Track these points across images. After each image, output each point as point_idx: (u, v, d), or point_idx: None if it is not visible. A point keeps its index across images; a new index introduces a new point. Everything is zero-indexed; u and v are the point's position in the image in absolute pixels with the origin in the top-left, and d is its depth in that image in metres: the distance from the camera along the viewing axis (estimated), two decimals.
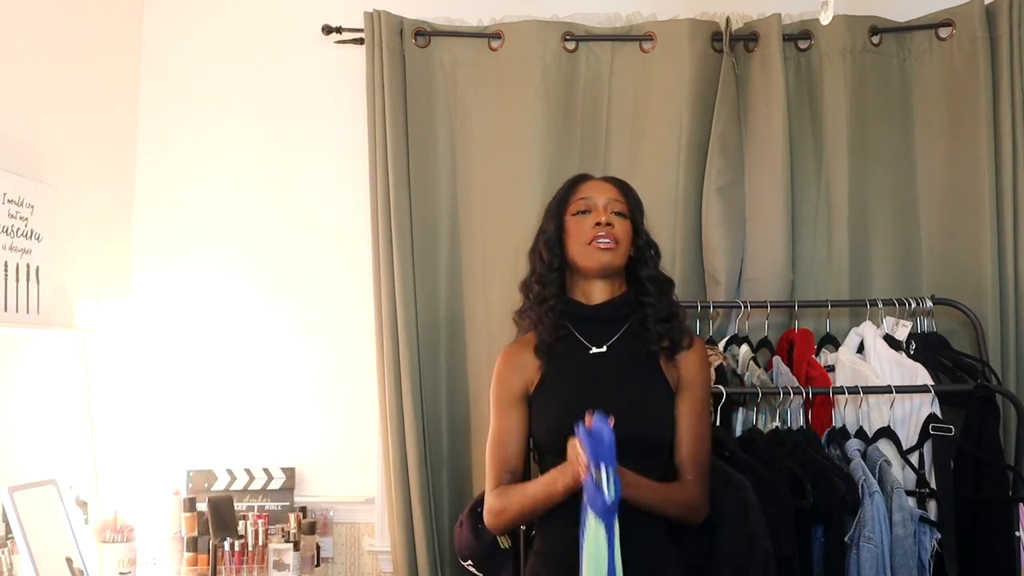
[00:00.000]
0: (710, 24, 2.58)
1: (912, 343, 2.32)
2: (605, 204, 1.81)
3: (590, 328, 1.82)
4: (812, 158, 2.57)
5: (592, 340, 1.81)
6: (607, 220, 1.78)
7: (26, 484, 2.02)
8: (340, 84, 2.72)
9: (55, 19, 2.37)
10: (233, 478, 2.62)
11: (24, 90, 2.24)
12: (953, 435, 2.10)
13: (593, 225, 1.78)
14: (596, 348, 1.81)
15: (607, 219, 1.78)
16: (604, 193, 1.84)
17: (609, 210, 1.81)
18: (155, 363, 2.70)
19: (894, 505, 2.01)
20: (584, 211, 1.82)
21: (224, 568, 2.40)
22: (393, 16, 2.60)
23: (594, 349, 1.81)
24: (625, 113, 2.62)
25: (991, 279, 2.43)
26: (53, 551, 2.02)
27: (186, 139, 2.77)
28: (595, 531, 1.53)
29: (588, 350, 1.81)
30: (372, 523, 2.69)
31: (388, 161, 2.55)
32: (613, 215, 1.80)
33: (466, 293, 2.63)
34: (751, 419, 2.23)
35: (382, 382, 2.56)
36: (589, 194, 1.84)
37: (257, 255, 2.74)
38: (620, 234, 1.79)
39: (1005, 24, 2.45)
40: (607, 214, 1.80)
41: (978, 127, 2.46)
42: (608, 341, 1.81)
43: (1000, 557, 2.08)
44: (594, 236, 1.77)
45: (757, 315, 2.43)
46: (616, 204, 1.82)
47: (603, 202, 1.82)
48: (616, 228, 1.79)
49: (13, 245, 2.14)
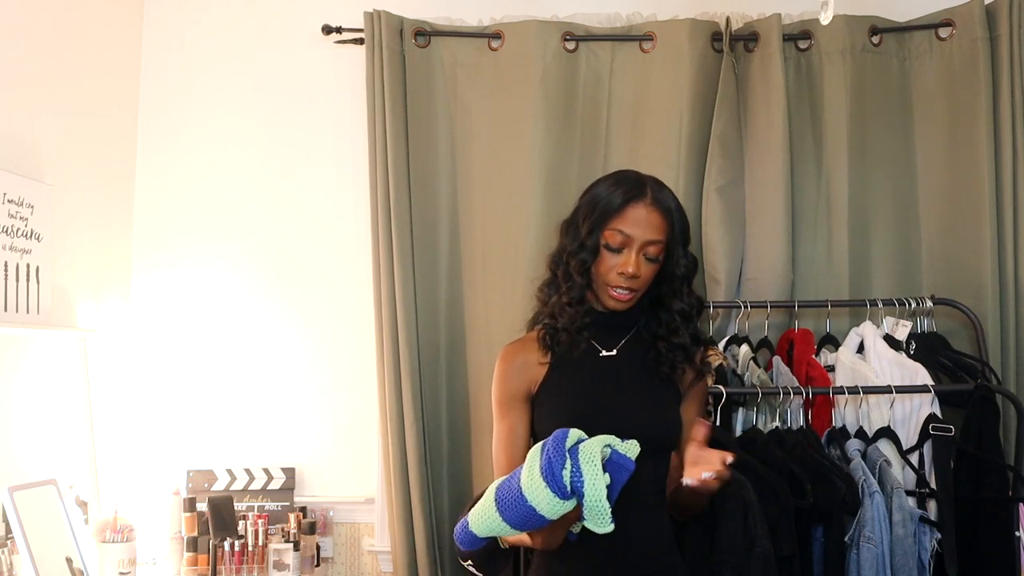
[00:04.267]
0: (710, 24, 2.58)
1: (912, 343, 2.33)
2: (641, 246, 1.71)
3: (600, 331, 1.81)
4: (812, 158, 2.57)
5: (602, 343, 1.81)
6: (633, 271, 1.70)
7: (26, 484, 2.02)
8: (340, 84, 2.73)
9: (55, 19, 2.37)
10: (233, 478, 2.62)
11: (24, 90, 2.24)
12: (953, 435, 2.10)
13: (618, 273, 1.72)
14: (606, 351, 1.81)
15: (634, 270, 1.70)
16: (646, 231, 1.72)
17: (642, 253, 1.72)
18: (155, 363, 2.70)
19: (894, 505, 2.01)
20: (618, 249, 1.73)
21: (224, 568, 2.40)
22: (393, 16, 2.60)
23: (604, 352, 1.81)
24: (625, 113, 2.62)
25: (991, 279, 2.43)
26: (53, 551, 2.02)
27: (186, 139, 2.77)
28: (547, 498, 1.46)
29: (598, 352, 1.81)
30: (372, 523, 2.69)
31: (388, 161, 2.55)
32: (644, 261, 1.72)
33: (466, 293, 2.64)
34: (751, 419, 2.23)
35: (382, 382, 2.56)
36: (629, 228, 1.72)
37: (257, 255, 2.74)
38: (644, 282, 1.74)
39: (1005, 24, 2.45)
40: (638, 260, 1.71)
41: (978, 127, 2.46)
42: (617, 344, 1.81)
43: (1000, 557, 2.08)
44: (616, 284, 1.72)
45: (757, 315, 2.43)
46: (652, 248, 1.72)
47: (639, 243, 1.71)
48: (642, 277, 1.72)
49: (13, 245, 2.14)
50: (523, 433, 1.83)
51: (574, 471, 1.45)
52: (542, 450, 1.49)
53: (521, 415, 1.82)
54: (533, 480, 1.46)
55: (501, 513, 1.50)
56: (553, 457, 1.46)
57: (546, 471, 1.45)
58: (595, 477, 1.44)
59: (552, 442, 1.49)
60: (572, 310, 1.79)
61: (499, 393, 1.85)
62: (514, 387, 1.82)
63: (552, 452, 1.47)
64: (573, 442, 1.50)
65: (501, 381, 1.84)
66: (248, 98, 2.77)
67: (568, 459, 1.46)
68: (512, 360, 1.84)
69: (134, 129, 2.77)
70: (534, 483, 1.46)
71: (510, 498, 1.49)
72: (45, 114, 2.33)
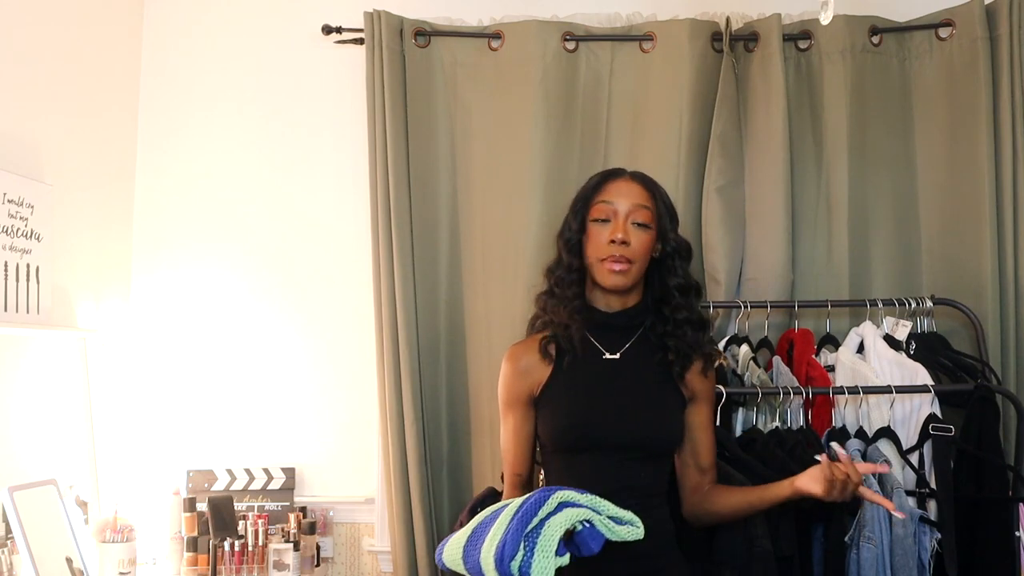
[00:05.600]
0: (710, 24, 2.58)
1: (912, 343, 2.32)
2: (627, 212, 1.75)
3: (604, 333, 1.81)
4: (812, 158, 2.57)
5: (606, 346, 1.81)
6: (623, 237, 1.73)
7: (26, 484, 2.03)
8: (340, 84, 2.73)
9: (55, 19, 2.37)
10: (233, 478, 2.62)
11: (24, 90, 2.24)
12: (953, 435, 2.09)
13: (608, 242, 1.74)
14: (609, 354, 1.80)
15: (623, 235, 1.73)
16: (628, 197, 1.77)
17: (630, 220, 1.75)
18: (155, 363, 2.70)
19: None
20: (604, 219, 1.76)
21: (224, 568, 2.40)
22: (393, 16, 2.60)
23: (607, 355, 1.80)
24: (625, 113, 2.62)
25: (991, 279, 2.43)
26: (53, 551, 2.02)
27: (186, 139, 2.77)
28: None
29: (601, 355, 1.80)
30: (372, 523, 2.69)
31: (388, 161, 2.55)
32: (633, 226, 1.74)
33: (466, 293, 2.63)
34: (751, 419, 2.23)
35: (382, 382, 2.56)
36: (612, 198, 1.77)
37: (257, 255, 2.74)
38: (637, 251, 1.74)
39: (1005, 24, 2.45)
40: (626, 226, 1.74)
41: (978, 127, 2.46)
42: (622, 348, 1.81)
43: (1000, 557, 2.08)
44: (608, 255, 1.73)
45: (757, 315, 2.43)
46: (639, 213, 1.76)
47: (625, 209, 1.75)
48: (633, 244, 1.73)
49: (13, 245, 2.14)
50: (528, 432, 1.84)
51: (525, 558, 1.42)
52: (511, 518, 1.46)
53: (524, 416, 1.83)
54: (489, 554, 1.45)
55: (465, 558, 1.51)
56: (507, 543, 1.43)
57: (498, 554, 1.43)
58: (544, 568, 1.42)
59: (518, 520, 1.45)
60: (561, 292, 1.79)
61: (503, 394, 1.85)
62: (517, 390, 1.83)
63: (510, 536, 1.44)
64: (552, 507, 1.47)
65: (505, 383, 1.85)
66: (248, 98, 2.77)
67: (522, 547, 1.43)
68: (516, 362, 1.84)
69: (134, 129, 2.77)
70: (488, 558, 1.44)
71: (474, 550, 1.49)
72: (45, 114, 2.33)
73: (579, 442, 1.75)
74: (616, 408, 1.75)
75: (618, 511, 1.51)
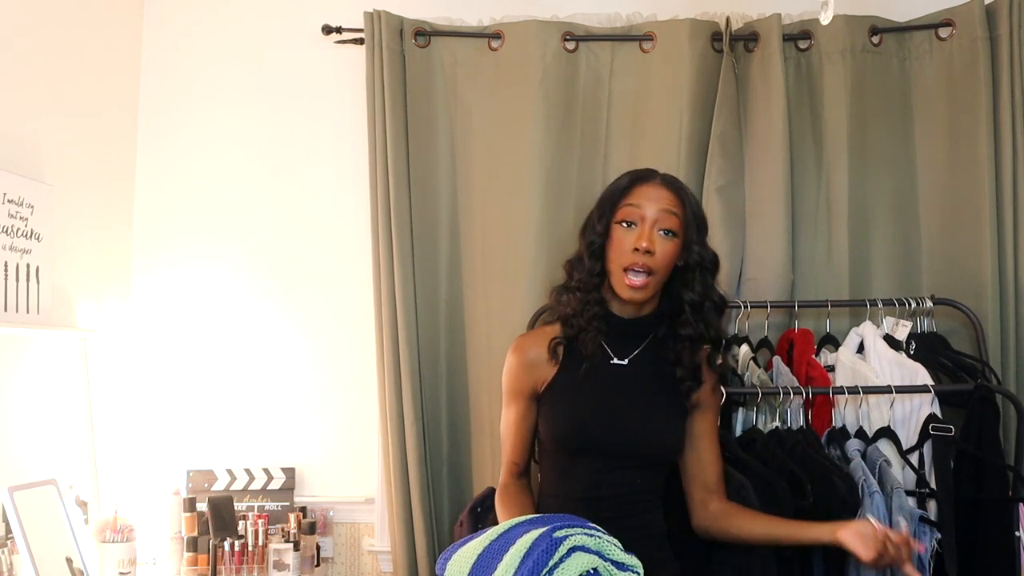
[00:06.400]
0: (710, 24, 2.58)
1: (912, 343, 2.32)
2: (655, 218, 1.70)
3: (616, 338, 1.80)
4: (812, 158, 2.57)
5: (615, 350, 1.80)
6: (648, 246, 1.68)
7: (26, 484, 2.02)
8: (340, 84, 2.73)
9: (55, 19, 2.37)
10: (233, 478, 2.62)
11: (24, 90, 2.24)
12: (953, 435, 2.09)
13: (632, 249, 1.70)
14: (618, 359, 1.80)
15: (648, 244, 1.68)
16: (658, 202, 1.72)
17: (657, 227, 1.70)
18: (155, 363, 2.70)
19: (894, 505, 2.01)
20: (630, 223, 1.72)
21: (224, 568, 2.40)
22: (393, 16, 2.60)
23: (615, 360, 1.80)
24: (625, 113, 2.62)
25: (991, 279, 2.43)
26: (53, 551, 2.02)
27: (186, 139, 2.77)
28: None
29: (610, 359, 1.80)
30: (372, 523, 2.69)
31: (388, 161, 2.55)
32: (659, 234, 1.70)
33: (466, 293, 2.63)
34: (751, 419, 2.23)
35: (382, 382, 2.56)
36: (641, 201, 1.72)
37: (257, 255, 2.74)
38: (660, 261, 1.70)
39: (1005, 24, 2.45)
40: (651, 234, 1.69)
41: (978, 127, 2.46)
42: (631, 354, 1.80)
43: (1000, 557, 2.08)
44: (631, 263, 1.70)
45: (757, 315, 2.43)
46: (667, 219, 1.71)
47: (653, 215, 1.71)
48: (657, 254, 1.69)
49: (13, 245, 2.14)
50: (528, 425, 1.83)
51: None
52: (521, 559, 1.44)
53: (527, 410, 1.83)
54: None
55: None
56: None
57: None
58: None
59: (529, 571, 1.42)
60: (583, 295, 1.76)
61: (507, 384, 1.85)
62: (521, 383, 1.82)
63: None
64: (563, 553, 1.44)
65: (510, 374, 1.84)
66: (248, 98, 2.77)
67: None
68: (524, 354, 1.82)
69: (134, 129, 2.77)
70: None
71: None
72: (45, 114, 2.33)
73: (576, 446, 1.76)
74: (616, 416, 1.75)
75: (622, 555, 1.49)
